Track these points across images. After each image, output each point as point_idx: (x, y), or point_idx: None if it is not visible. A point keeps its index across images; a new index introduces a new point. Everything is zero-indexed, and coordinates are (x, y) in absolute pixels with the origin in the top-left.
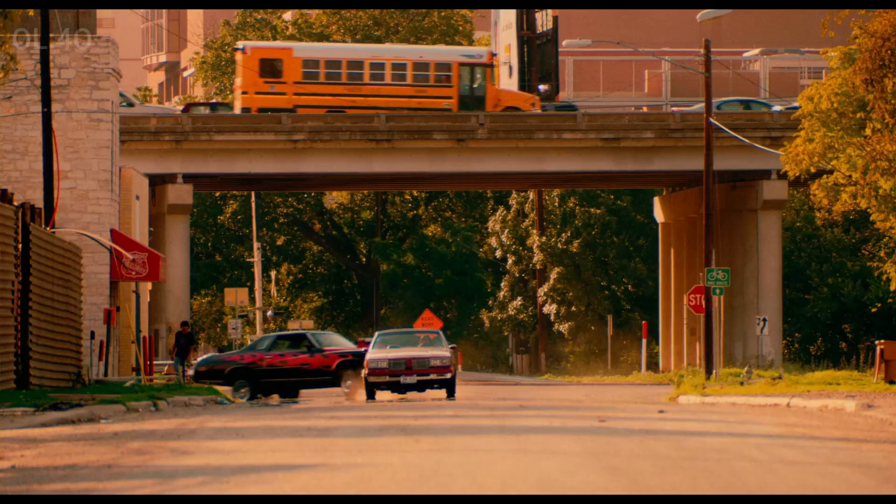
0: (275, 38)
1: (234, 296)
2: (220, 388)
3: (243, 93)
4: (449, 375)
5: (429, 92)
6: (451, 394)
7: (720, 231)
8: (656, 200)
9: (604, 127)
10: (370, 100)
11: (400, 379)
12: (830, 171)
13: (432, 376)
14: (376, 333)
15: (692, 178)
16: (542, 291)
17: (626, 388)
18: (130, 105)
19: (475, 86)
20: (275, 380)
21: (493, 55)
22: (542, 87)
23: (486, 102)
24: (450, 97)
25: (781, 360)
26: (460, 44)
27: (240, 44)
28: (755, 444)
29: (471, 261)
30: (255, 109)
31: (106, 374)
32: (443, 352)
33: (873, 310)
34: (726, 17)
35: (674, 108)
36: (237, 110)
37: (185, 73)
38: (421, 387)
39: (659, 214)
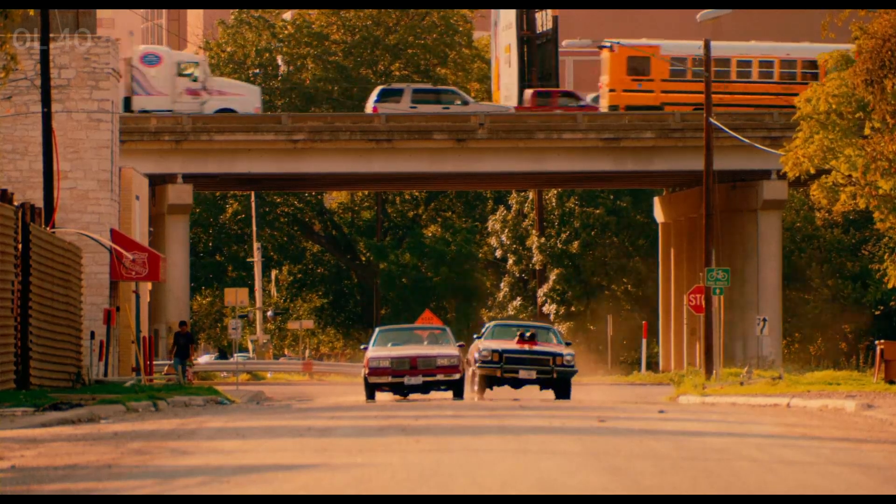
0: (272, 38)
1: (234, 296)
2: None
3: (611, 90)
4: (458, 376)
5: (795, 89)
6: (458, 395)
7: (720, 231)
8: (656, 200)
9: (604, 127)
10: (737, 97)
11: (403, 380)
12: (830, 171)
13: (439, 377)
14: (377, 329)
15: (692, 178)
16: (541, 291)
17: (626, 388)
18: (465, 103)
19: None
20: None
21: None
22: None
23: None
24: None
25: (781, 360)
26: (459, 43)
27: (606, 41)
28: (755, 444)
29: (470, 261)
30: (623, 107)
31: (106, 374)
32: (451, 350)
33: (877, 312)
34: (726, 17)
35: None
36: (604, 108)
37: None
38: (426, 388)
39: (659, 214)
